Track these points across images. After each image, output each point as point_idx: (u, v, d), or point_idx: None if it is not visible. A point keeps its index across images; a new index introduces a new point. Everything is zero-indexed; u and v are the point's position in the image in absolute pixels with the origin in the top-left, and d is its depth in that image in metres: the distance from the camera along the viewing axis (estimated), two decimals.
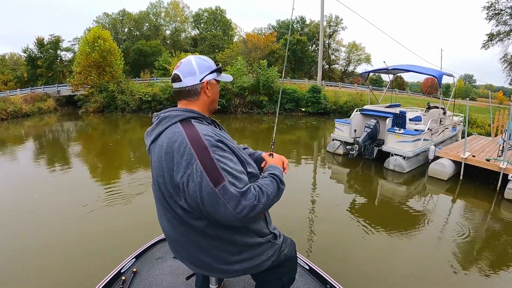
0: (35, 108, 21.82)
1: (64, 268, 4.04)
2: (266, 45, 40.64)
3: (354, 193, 7.34)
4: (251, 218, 1.35)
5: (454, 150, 8.37)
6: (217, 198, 1.30)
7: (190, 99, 1.58)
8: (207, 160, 1.33)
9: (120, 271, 2.56)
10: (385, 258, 4.54)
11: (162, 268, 2.65)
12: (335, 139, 10.32)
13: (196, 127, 1.45)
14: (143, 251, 2.91)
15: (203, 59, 1.61)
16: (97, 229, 5.11)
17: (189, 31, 56.08)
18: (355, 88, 30.61)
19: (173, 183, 1.41)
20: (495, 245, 5.04)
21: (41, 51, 36.60)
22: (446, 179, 7.81)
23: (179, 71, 1.55)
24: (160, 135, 1.50)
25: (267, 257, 1.70)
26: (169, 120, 1.50)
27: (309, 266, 2.62)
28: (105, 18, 51.40)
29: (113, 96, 21.83)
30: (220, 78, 1.68)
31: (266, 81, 20.82)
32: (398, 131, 8.49)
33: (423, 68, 10.53)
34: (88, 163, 9.78)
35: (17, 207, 6.03)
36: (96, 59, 22.54)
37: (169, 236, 1.68)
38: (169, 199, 1.49)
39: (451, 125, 10.99)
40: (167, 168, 1.41)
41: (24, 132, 15.95)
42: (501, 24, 29.07)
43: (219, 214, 1.33)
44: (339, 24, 53.76)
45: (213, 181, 1.30)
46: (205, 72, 1.57)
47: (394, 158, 8.48)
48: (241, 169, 1.44)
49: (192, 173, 1.32)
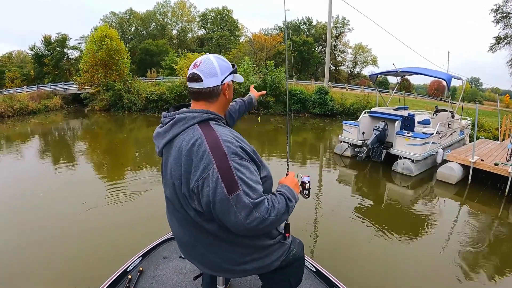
0: (41, 106, 21.90)
1: (69, 266, 4.03)
2: (272, 46, 40.57)
3: (362, 195, 7.26)
4: (259, 230, 1.36)
5: (462, 154, 8.30)
6: (229, 206, 1.30)
7: (210, 100, 1.54)
8: (225, 167, 1.31)
9: (126, 269, 2.56)
10: (393, 261, 4.52)
11: (169, 268, 2.64)
12: (343, 141, 10.28)
13: (215, 130, 1.43)
14: (150, 250, 2.90)
15: (222, 59, 1.58)
16: (102, 227, 5.14)
17: (196, 31, 56.22)
18: (362, 90, 30.53)
19: (189, 186, 1.40)
20: (503, 250, 4.99)
21: (48, 49, 36.78)
22: (455, 183, 7.74)
23: (200, 71, 1.49)
24: (176, 136, 1.48)
25: (276, 257, 1.70)
26: (187, 122, 1.47)
27: (316, 268, 2.61)
28: (112, 17, 51.67)
29: (120, 94, 21.88)
30: (235, 79, 1.65)
31: (273, 82, 20.78)
32: (407, 134, 8.44)
33: (432, 71, 10.46)
34: (93, 161, 9.81)
35: (21, 203, 6.06)
36: (103, 57, 22.61)
37: (179, 237, 1.68)
38: (183, 201, 1.47)
39: (459, 128, 10.91)
40: (185, 171, 1.40)
41: (30, 129, 16.04)
42: (509, 27, 28.76)
43: (229, 222, 1.33)
44: (346, 26, 53.75)
45: (228, 189, 1.29)
46: (226, 73, 1.54)
47: (403, 161, 8.41)
48: (258, 179, 1.42)
49: (208, 178, 1.32)
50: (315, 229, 5.42)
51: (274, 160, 9.85)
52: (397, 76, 11.50)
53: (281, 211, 1.42)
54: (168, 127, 1.52)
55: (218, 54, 1.63)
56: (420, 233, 5.38)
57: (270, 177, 1.65)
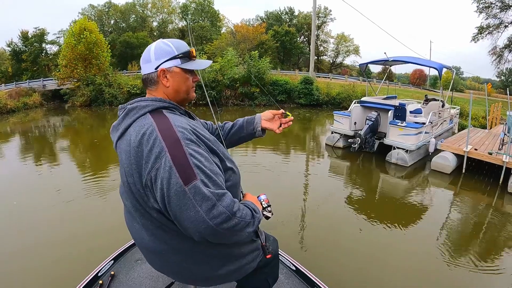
0: (20, 104, 20.95)
1: (36, 274, 3.76)
2: (255, 36, 40.24)
3: (355, 186, 7.13)
4: (224, 231, 1.16)
5: (455, 144, 8.26)
6: (186, 198, 1.12)
7: (150, 88, 1.42)
8: (179, 154, 1.16)
9: (97, 274, 2.42)
10: (383, 256, 4.33)
11: (142, 271, 2.50)
12: (334, 131, 10.08)
13: (168, 118, 1.29)
14: (122, 252, 2.74)
15: (165, 43, 1.40)
16: (73, 230, 4.78)
17: (177, 23, 55.31)
18: (346, 79, 30.54)
19: (142, 181, 1.23)
20: (498, 238, 4.96)
21: (25, 44, 35.44)
22: (449, 172, 7.69)
23: (141, 58, 1.42)
24: (127, 128, 1.32)
25: (252, 258, 1.56)
26: (137, 112, 1.33)
27: (296, 267, 2.52)
28: (91, 10, 50.21)
29: (101, 89, 21.15)
30: (187, 66, 1.42)
31: (257, 73, 20.50)
32: (400, 124, 8.31)
33: (423, 60, 10.42)
34: (71, 160, 9.34)
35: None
36: (82, 51, 21.76)
37: (143, 244, 1.45)
38: (142, 201, 1.29)
39: (449, 117, 10.88)
40: (136, 165, 1.23)
41: (9, 128, 15.25)
42: (491, 17, 29.26)
43: (189, 219, 1.13)
44: (328, 15, 53.54)
45: (184, 178, 1.13)
46: (162, 58, 1.37)
47: (397, 152, 8.29)
48: (218, 171, 1.25)
49: (160, 168, 1.15)
50: (302, 223, 5.24)
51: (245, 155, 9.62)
52: (386, 65, 11.40)
53: (247, 218, 1.25)
54: (120, 119, 1.38)
55: (174, 39, 1.46)
56: (417, 225, 5.29)
57: (236, 171, 1.49)
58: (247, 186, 1.78)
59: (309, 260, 3.87)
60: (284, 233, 4.70)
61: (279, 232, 4.45)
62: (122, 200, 1.46)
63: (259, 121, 1.88)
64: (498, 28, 29.44)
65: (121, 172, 1.39)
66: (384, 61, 10.43)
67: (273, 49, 43.95)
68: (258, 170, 7.80)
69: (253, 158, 8.98)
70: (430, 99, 10.59)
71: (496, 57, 31.95)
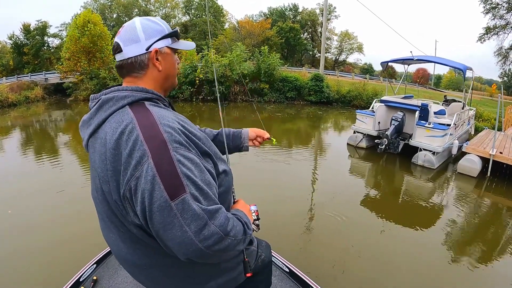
0: (22, 97, 20.62)
1: (12, 282, 3.45)
2: (261, 32, 40.01)
3: (378, 188, 6.93)
4: (214, 253, 0.98)
5: (480, 146, 8.02)
6: (172, 216, 0.93)
7: (135, 75, 1.17)
8: (164, 161, 0.95)
9: (79, 279, 2.31)
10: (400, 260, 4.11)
11: (125, 276, 2.37)
12: (356, 131, 9.77)
13: (152, 112, 1.05)
14: (105, 255, 2.61)
15: (151, 20, 1.19)
16: (54, 233, 4.46)
17: (180, 17, 54.90)
18: (353, 77, 30.38)
19: (120, 191, 1.01)
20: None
21: (27, 37, 34.91)
22: (476, 175, 7.44)
23: (119, 38, 1.15)
24: (101, 125, 1.09)
25: (243, 269, 1.37)
26: (114, 104, 1.09)
27: (289, 269, 2.45)
28: (93, 3, 49.81)
29: (105, 83, 20.73)
30: (177, 46, 1.25)
31: (267, 68, 20.16)
32: (428, 125, 8.06)
33: (447, 60, 10.16)
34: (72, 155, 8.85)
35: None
36: (86, 44, 21.39)
37: (121, 256, 1.25)
38: (120, 215, 1.09)
39: (467, 119, 10.65)
40: (113, 171, 1.01)
41: (10, 122, 14.86)
42: (497, 18, 29.37)
43: (174, 240, 0.94)
44: (332, 13, 53.18)
45: (169, 191, 0.93)
46: (154, 37, 1.16)
47: (424, 153, 8.02)
48: (211, 181, 1.05)
49: (141, 177, 0.94)
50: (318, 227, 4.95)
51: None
52: (407, 63, 11.16)
53: (239, 236, 1.07)
54: (92, 113, 1.14)
55: (155, 17, 1.23)
56: (446, 229, 5.06)
57: (228, 172, 1.32)
58: (267, 184, 1.50)
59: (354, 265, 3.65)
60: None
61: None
62: (94, 204, 1.23)
63: (247, 137, 1.81)
64: (504, 29, 29.56)
65: (92, 176, 1.17)
66: (408, 60, 10.16)
67: (278, 45, 43.68)
68: (274, 167, 7.76)
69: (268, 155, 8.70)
70: (450, 100, 10.36)
71: (501, 58, 32.09)
